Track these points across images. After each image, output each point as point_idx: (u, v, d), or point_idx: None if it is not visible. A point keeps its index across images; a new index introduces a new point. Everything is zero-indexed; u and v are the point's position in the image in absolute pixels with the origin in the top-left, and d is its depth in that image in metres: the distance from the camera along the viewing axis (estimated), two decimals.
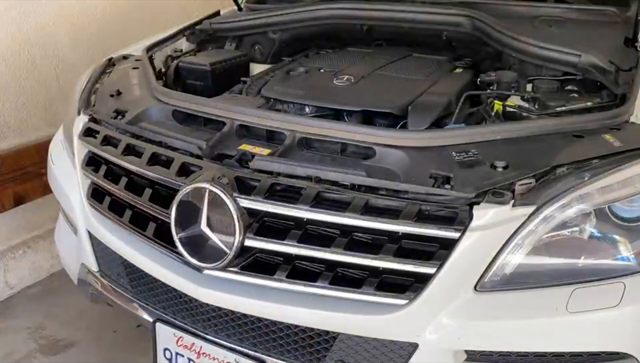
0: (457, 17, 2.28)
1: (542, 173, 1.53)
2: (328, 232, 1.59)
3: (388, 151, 1.66)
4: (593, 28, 2.26)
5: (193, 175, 1.69)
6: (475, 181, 1.51)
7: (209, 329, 1.74)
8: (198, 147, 1.75)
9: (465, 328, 1.50)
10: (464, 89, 2.04)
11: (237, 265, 1.63)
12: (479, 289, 1.50)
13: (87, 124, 2.07)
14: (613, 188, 1.51)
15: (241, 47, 2.64)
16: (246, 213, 1.61)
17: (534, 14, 2.36)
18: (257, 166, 1.66)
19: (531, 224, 1.47)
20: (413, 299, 1.51)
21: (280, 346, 1.66)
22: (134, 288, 1.93)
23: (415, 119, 1.89)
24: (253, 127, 1.83)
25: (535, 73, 2.12)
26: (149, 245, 1.82)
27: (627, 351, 1.49)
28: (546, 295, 1.48)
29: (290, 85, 2.16)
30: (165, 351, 1.81)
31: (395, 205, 1.54)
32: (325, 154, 1.75)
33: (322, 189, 1.58)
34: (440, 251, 1.50)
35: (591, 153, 1.59)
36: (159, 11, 3.73)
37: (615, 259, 1.52)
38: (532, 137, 1.68)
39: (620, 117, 1.73)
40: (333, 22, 2.51)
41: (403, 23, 2.41)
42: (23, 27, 2.90)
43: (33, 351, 2.61)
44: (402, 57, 2.38)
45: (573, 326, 1.47)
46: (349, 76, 2.15)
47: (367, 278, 1.55)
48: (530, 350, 1.50)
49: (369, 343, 1.56)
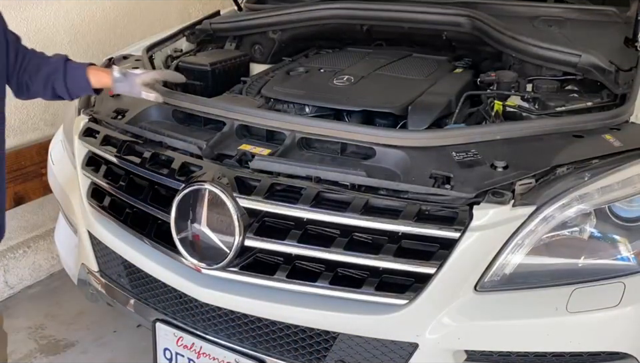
0: (457, 17, 2.28)
1: (542, 173, 1.54)
2: (328, 232, 1.59)
3: (388, 151, 1.66)
4: (592, 28, 2.26)
5: (193, 175, 1.69)
6: (474, 181, 1.51)
7: (209, 329, 1.74)
8: (198, 147, 1.75)
9: (465, 328, 1.50)
10: (464, 89, 2.04)
11: (237, 265, 1.63)
12: (479, 289, 1.50)
13: (86, 124, 2.07)
14: (612, 188, 1.51)
15: (241, 47, 2.64)
16: (246, 213, 1.61)
17: (534, 14, 2.36)
18: (257, 166, 1.66)
19: (530, 224, 1.47)
20: (413, 299, 1.51)
21: (280, 346, 1.66)
22: (134, 288, 1.93)
23: (415, 119, 1.89)
24: (253, 127, 1.83)
25: (535, 73, 2.12)
26: (148, 245, 1.82)
27: (627, 351, 1.49)
28: (546, 295, 1.49)
29: (290, 85, 2.16)
30: (165, 351, 1.81)
31: (395, 205, 1.54)
32: (325, 154, 1.75)
33: (322, 189, 1.59)
34: (440, 251, 1.50)
35: (591, 153, 1.59)
36: (159, 11, 3.72)
37: (614, 259, 1.52)
38: (532, 137, 1.68)
39: (620, 117, 1.73)
40: (333, 22, 2.51)
41: (402, 23, 2.41)
42: (22, 27, 2.90)
43: (33, 352, 2.61)
44: (402, 57, 2.38)
45: (573, 326, 1.48)
46: (349, 76, 2.15)
47: (367, 278, 1.55)
48: (530, 350, 1.50)
49: (369, 343, 1.56)
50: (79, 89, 1.81)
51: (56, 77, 1.76)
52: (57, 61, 1.79)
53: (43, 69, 1.76)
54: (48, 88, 1.78)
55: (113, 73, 1.77)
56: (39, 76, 1.76)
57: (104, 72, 1.80)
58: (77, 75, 1.78)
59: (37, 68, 1.76)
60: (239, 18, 2.63)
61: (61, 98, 1.82)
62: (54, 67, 1.77)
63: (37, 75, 1.76)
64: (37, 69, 1.76)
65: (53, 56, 1.82)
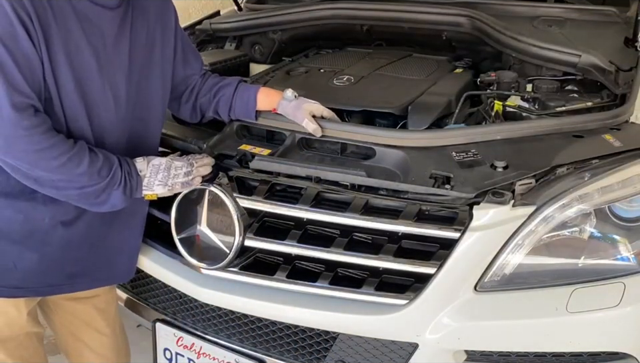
0: (457, 17, 2.28)
1: (542, 173, 1.54)
2: (328, 232, 1.59)
3: (388, 151, 1.66)
4: (593, 28, 2.26)
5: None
6: (474, 181, 1.51)
7: (208, 329, 1.75)
8: (198, 147, 1.75)
9: (465, 328, 1.50)
10: (464, 89, 2.04)
11: (237, 266, 1.64)
12: (479, 290, 1.50)
13: None
14: (612, 188, 1.51)
15: (241, 47, 2.64)
16: (246, 213, 1.61)
17: (534, 14, 2.36)
18: (257, 166, 1.66)
19: (530, 224, 1.47)
20: (413, 299, 1.51)
21: (280, 346, 1.66)
22: (134, 288, 1.93)
23: (415, 119, 1.89)
24: (253, 127, 1.83)
25: (535, 73, 2.12)
26: (149, 246, 1.82)
27: (627, 351, 1.49)
28: (546, 295, 1.49)
29: (290, 85, 2.16)
30: (165, 351, 1.81)
31: (395, 205, 1.54)
32: (325, 154, 1.75)
33: (322, 189, 1.59)
34: (440, 251, 1.50)
35: (591, 153, 1.59)
36: None
37: (614, 259, 1.53)
38: (532, 137, 1.68)
39: (620, 117, 1.73)
40: (333, 22, 2.51)
41: (402, 23, 2.41)
42: None
43: None
44: (402, 57, 2.38)
45: (573, 326, 1.48)
46: (349, 76, 2.15)
47: (367, 278, 1.55)
48: (530, 350, 1.50)
49: (369, 344, 1.56)
50: (241, 108, 1.76)
51: (224, 93, 1.75)
52: (232, 79, 1.79)
53: (216, 88, 1.76)
54: (212, 104, 1.76)
55: (286, 92, 1.73)
56: (211, 94, 1.76)
57: (276, 93, 1.76)
58: (246, 93, 1.75)
59: (210, 87, 1.76)
60: (238, 18, 2.63)
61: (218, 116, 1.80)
62: (227, 82, 1.77)
63: (209, 94, 1.76)
64: (210, 88, 1.76)
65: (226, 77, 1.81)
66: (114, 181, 1.43)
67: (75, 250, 1.55)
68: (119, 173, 1.44)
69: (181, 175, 1.54)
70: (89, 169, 1.39)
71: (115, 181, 1.44)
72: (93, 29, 1.40)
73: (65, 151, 1.36)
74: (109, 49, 1.44)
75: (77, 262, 1.57)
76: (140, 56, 1.53)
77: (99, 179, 1.41)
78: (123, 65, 1.48)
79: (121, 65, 1.47)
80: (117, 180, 1.44)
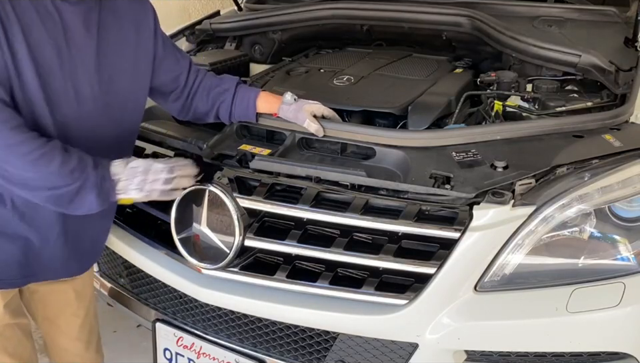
0: (457, 17, 2.28)
1: (542, 173, 1.54)
2: (328, 232, 1.59)
3: (388, 151, 1.66)
4: (593, 28, 2.26)
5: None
6: (474, 181, 1.51)
7: (208, 329, 1.75)
8: (198, 147, 1.75)
9: (465, 328, 1.50)
10: (464, 89, 2.04)
11: (237, 266, 1.64)
12: (479, 290, 1.50)
13: None
14: (612, 188, 1.51)
15: (241, 47, 2.64)
16: (246, 213, 1.61)
17: (534, 14, 2.36)
18: (257, 166, 1.66)
19: (530, 224, 1.47)
20: (413, 299, 1.51)
21: (280, 346, 1.66)
22: (134, 288, 1.93)
23: (415, 119, 1.89)
24: (253, 127, 1.83)
25: (535, 73, 2.12)
26: (149, 246, 1.82)
27: (627, 351, 1.49)
28: (546, 295, 1.49)
29: (290, 85, 2.16)
30: (165, 351, 1.81)
31: (395, 205, 1.54)
32: (325, 154, 1.75)
33: (322, 189, 1.59)
34: (440, 251, 1.50)
35: (591, 153, 1.59)
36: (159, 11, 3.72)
37: (614, 259, 1.52)
38: (532, 137, 1.68)
39: (620, 117, 1.73)
40: (333, 22, 2.51)
41: (402, 23, 2.41)
42: None
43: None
44: (402, 57, 2.38)
45: (573, 326, 1.48)
46: (349, 76, 2.15)
47: (367, 278, 1.55)
48: (530, 350, 1.50)
49: (369, 343, 1.56)
50: (241, 113, 1.76)
51: (224, 98, 1.75)
52: (230, 81, 1.78)
53: (214, 92, 1.75)
54: (214, 109, 1.76)
55: (285, 95, 1.74)
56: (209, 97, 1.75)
57: (275, 97, 1.76)
58: (245, 98, 1.75)
59: (207, 90, 1.75)
60: (238, 18, 2.63)
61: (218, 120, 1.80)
62: (225, 87, 1.76)
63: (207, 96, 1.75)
64: (207, 92, 1.75)
65: (224, 76, 1.81)
66: (88, 184, 1.39)
67: (49, 241, 1.54)
68: (93, 176, 1.40)
69: (160, 181, 1.47)
70: (60, 168, 1.36)
71: (88, 183, 1.39)
72: (53, 24, 1.40)
73: (36, 148, 1.34)
74: (71, 45, 1.43)
75: (52, 253, 1.56)
76: (110, 55, 1.51)
77: (70, 180, 1.37)
78: (87, 63, 1.46)
79: (85, 62, 1.46)
80: (90, 183, 1.39)
